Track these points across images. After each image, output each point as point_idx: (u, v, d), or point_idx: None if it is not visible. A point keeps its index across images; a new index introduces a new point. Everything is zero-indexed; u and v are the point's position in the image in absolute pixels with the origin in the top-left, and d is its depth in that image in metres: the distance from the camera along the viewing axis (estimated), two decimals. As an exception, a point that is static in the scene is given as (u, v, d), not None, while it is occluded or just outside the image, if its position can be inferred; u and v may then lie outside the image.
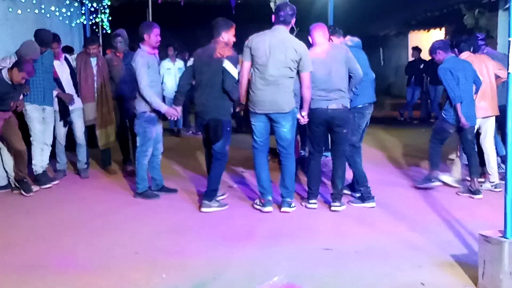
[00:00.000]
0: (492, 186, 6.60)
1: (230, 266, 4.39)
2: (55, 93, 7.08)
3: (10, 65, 6.20)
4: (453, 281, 4.04)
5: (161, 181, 6.73)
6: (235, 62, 5.79)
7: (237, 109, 6.09)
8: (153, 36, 6.29)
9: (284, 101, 5.58)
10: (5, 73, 6.06)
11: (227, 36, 5.86)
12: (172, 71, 11.29)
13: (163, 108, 6.26)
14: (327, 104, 5.71)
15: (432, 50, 6.56)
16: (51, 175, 7.24)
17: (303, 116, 5.75)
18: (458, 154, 7.03)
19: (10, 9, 10.03)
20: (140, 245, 4.90)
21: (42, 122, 6.92)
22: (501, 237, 3.75)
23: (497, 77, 6.64)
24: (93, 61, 7.43)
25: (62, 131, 7.34)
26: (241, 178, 7.41)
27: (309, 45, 5.85)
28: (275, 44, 5.50)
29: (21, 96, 6.47)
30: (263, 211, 5.77)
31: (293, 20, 5.71)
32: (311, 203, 5.99)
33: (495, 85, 6.64)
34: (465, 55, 6.57)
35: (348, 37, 6.44)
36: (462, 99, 6.15)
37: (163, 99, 6.80)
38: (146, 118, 6.31)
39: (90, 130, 7.61)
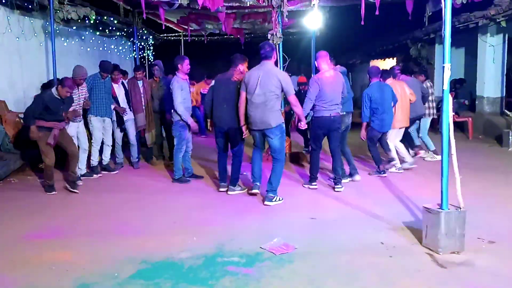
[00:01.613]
0: (396, 169, 6.80)
1: (241, 231, 4.38)
2: (112, 107, 7.06)
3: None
4: (404, 241, 4.02)
5: (191, 169, 6.71)
6: None
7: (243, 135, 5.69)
8: (185, 65, 6.31)
9: (271, 119, 5.33)
10: (54, 91, 5.83)
11: (243, 67, 5.75)
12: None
13: (189, 120, 6.28)
14: (330, 113, 5.78)
15: (368, 73, 6.79)
16: (112, 166, 7.24)
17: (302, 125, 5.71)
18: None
19: (82, 47, 10.07)
20: (176, 217, 4.90)
21: (102, 129, 6.89)
22: (438, 208, 3.74)
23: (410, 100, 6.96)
24: (140, 83, 7.42)
25: (119, 135, 7.32)
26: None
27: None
28: (262, 75, 5.29)
29: (75, 108, 6.23)
30: (248, 193, 5.66)
31: (274, 54, 5.48)
32: (312, 185, 5.99)
33: (408, 104, 6.89)
34: (389, 81, 6.78)
35: (338, 66, 6.65)
36: (367, 120, 6.55)
37: None
38: (181, 125, 6.30)
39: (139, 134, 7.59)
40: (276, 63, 5.89)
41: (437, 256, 3.64)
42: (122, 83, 7.38)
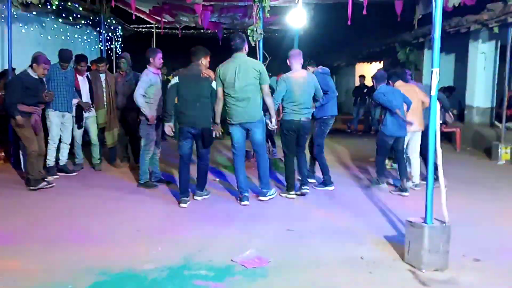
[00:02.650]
0: (413, 185, 6.58)
1: (212, 241, 4.36)
2: (75, 101, 6.95)
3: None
4: (386, 256, 4.07)
5: (159, 174, 6.66)
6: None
7: (213, 128, 5.63)
8: (157, 59, 6.25)
9: (255, 112, 5.55)
10: (30, 71, 5.82)
11: (205, 61, 5.70)
12: None
13: (149, 115, 6.14)
14: (299, 117, 5.85)
15: (373, 78, 6.68)
16: (70, 168, 7.12)
17: (271, 123, 5.75)
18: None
19: (42, 35, 9.90)
20: (141, 225, 4.85)
21: (60, 126, 6.79)
22: (422, 222, 3.80)
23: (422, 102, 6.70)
24: (102, 76, 7.37)
25: (78, 132, 7.19)
26: (219, 174, 7.39)
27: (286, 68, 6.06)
28: (239, 68, 5.43)
29: (46, 98, 6.17)
30: (241, 204, 5.62)
31: (245, 45, 5.62)
32: (290, 194, 5.96)
33: (421, 107, 6.67)
34: (398, 84, 6.63)
35: (320, 66, 6.74)
36: (399, 107, 6.18)
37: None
38: (150, 124, 6.23)
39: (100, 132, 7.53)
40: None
41: (419, 274, 3.69)
42: (87, 76, 7.30)
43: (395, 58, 13.19)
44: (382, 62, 15.79)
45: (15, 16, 8.43)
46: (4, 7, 7.89)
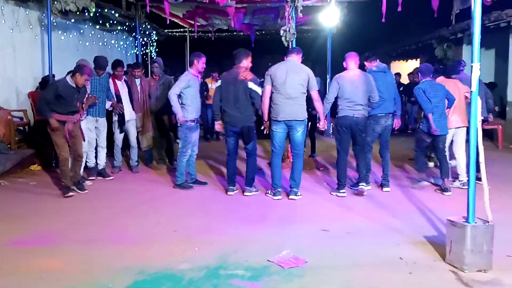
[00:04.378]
0: (461, 184, 6.41)
1: (247, 242, 4.36)
2: (109, 103, 7.00)
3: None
4: (426, 256, 3.97)
5: (195, 175, 6.71)
6: (257, 83, 5.96)
7: (262, 127, 6.00)
8: (201, 63, 6.33)
9: (300, 112, 5.73)
10: (69, 79, 5.79)
11: (247, 62, 6.00)
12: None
13: (179, 114, 6.20)
14: (353, 113, 5.91)
15: (419, 71, 6.62)
16: (109, 170, 7.26)
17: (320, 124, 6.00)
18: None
19: (80, 42, 10.17)
20: (177, 225, 4.90)
21: (95, 130, 6.83)
22: (464, 222, 3.69)
23: (466, 97, 6.50)
24: (137, 81, 7.47)
25: (119, 136, 7.31)
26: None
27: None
28: (290, 69, 5.72)
29: (87, 101, 6.23)
30: (274, 199, 5.80)
31: (300, 54, 5.96)
32: (341, 192, 6.04)
33: (464, 102, 6.49)
34: (440, 79, 6.50)
35: (377, 62, 6.46)
36: (433, 111, 6.05)
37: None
38: (187, 126, 6.30)
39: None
40: None
41: (461, 274, 3.59)
42: (125, 81, 7.40)
43: (432, 55, 12.90)
44: (419, 59, 15.46)
45: (55, 24, 8.69)
46: (44, 15, 8.16)
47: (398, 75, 14.12)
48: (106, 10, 10.08)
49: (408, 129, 12.82)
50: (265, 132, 6.01)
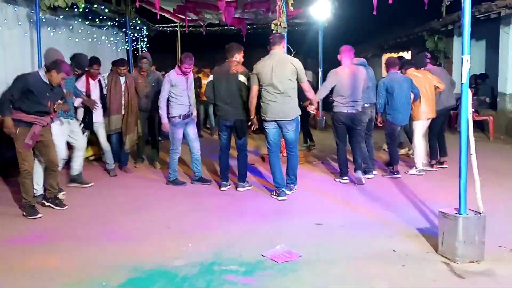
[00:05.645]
0: (416, 171, 6.81)
1: (241, 237, 4.37)
2: (79, 100, 6.39)
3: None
4: (419, 248, 4.00)
5: (199, 173, 6.57)
6: (247, 76, 5.90)
7: (249, 123, 5.89)
8: (184, 65, 6.24)
9: (290, 110, 5.58)
10: (42, 74, 4.97)
11: (239, 56, 5.97)
12: None
13: (164, 120, 6.28)
14: (347, 109, 6.12)
15: (385, 63, 6.94)
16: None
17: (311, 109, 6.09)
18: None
19: (70, 38, 10.09)
20: (171, 221, 4.90)
21: (69, 134, 6.10)
22: (456, 213, 3.72)
23: (436, 88, 6.87)
24: (122, 79, 7.09)
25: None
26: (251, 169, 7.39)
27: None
28: (275, 64, 5.52)
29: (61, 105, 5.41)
30: (279, 200, 5.63)
31: (283, 41, 5.83)
32: (343, 179, 6.39)
33: (433, 94, 6.81)
34: (410, 71, 6.84)
35: (356, 58, 6.64)
36: (395, 107, 6.47)
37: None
38: (172, 122, 6.30)
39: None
40: None
41: (454, 265, 3.62)
42: (99, 81, 6.88)
43: (423, 47, 12.94)
44: (410, 51, 15.50)
45: (43, 20, 8.60)
46: (33, 11, 8.07)
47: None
48: (95, 6, 9.99)
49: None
50: (253, 129, 5.94)
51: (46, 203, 5.40)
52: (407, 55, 15.61)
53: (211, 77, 6.06)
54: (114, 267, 3.69)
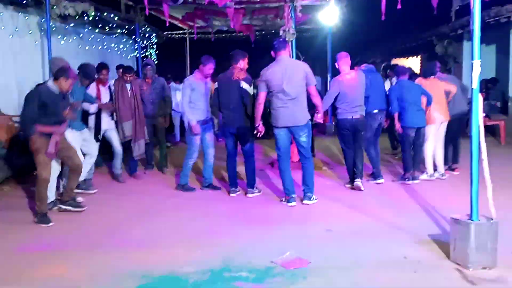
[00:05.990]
0: (428, 176, 6.80)
1: (250, 243, 4.36)
2: (94, 106, 6.41)
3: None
4: (430, 255, 3.96)
5: (210, 179, 6.55)
6: (249, 82, 5.95)
7: (255, 132, 5.73)
8: (207, 68, 6.23)
9: (301, 116, 5.51)
10: (51, 84, 5.06)
11: (243, 63, 6.02)
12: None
13: (192, 122, 6.14)
14: (351, 115, 6.16)
15: (395, 71, 7.06)
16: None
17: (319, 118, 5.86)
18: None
19: (80, 46, 10.18)
20: (180, 228, 4.91)
21: (82, 143, 6.09)
22: (468, 219, 3.68)
23: (449, 92, 6.87)
24: (128, 86, 7.08)
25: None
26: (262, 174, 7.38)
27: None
28: (287, 69, 5.42)
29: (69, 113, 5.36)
30: (288, 206, 5.60)
31: (287, 46, 5.75)
32: (356, 182, 6.30)
33: (445, 99, 6.81)
34: (418, 80, 6.94)
35: (364, 65, 6.88)
36: (398, 111, 6.52)
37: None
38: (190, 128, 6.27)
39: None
40: None
41: (466, 272, 3.58)
42: (109, 87, 6.94)
43: (432, 52, 12.88)
44: (419, 56, 15.43)
45: (54, 28, 8.69)
46: (43, 20, 8.16)
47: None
48: (105, 14, 10.08)
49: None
50: (258, 136, 5.79)
51: (63, 207, 5.48)
52: (416, 60, 15.55)
53: (216, 85, 6.11)
54: (124, 275, 3.69)
